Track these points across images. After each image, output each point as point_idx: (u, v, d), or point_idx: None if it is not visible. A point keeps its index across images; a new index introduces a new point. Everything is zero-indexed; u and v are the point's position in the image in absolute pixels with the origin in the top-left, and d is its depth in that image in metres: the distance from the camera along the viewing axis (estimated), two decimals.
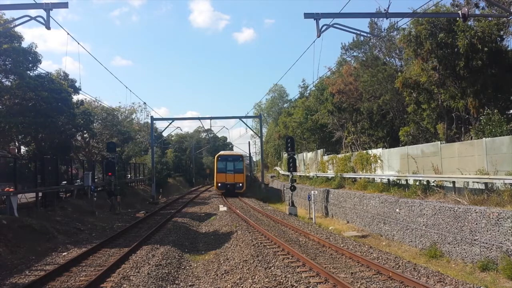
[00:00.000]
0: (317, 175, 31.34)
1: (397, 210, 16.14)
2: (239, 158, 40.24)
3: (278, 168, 51.98)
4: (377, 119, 28.51)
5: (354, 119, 31.19)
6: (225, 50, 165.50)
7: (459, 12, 15.07)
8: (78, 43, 17.27)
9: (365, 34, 20.12)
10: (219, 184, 39.08)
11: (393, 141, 27.08)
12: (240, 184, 38.56)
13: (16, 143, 27.47)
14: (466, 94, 19.22)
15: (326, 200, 24.27)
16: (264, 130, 66.59)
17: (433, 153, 17.86)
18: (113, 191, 26.85)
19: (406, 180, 18.98)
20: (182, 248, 14.92)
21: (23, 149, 28.09)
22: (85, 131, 31.08)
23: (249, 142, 68.34)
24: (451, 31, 18.97)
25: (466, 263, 11.85)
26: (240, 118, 44.54)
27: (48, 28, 13.69)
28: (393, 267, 11.09)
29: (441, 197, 15.04)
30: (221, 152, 44.42)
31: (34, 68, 22.49)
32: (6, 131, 23.09)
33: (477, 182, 14.33)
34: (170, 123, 43.21)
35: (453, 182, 15.22)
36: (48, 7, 13.60)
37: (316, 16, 14.56)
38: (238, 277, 10.52)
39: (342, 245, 14.04)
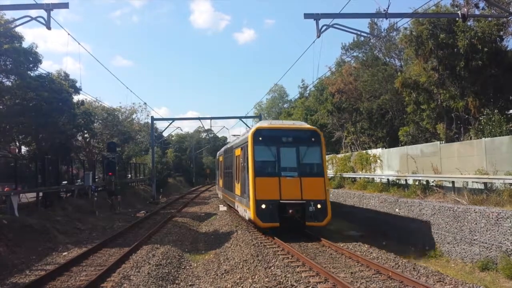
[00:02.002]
0: None
1: (397, 210, 16.18)
2: (310, 136, 16.02)
3: None
4: (376, 119, 28.57)
5: (354, 119, 31.23)
6: (226, 50, 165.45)
7: (459, 12, 15.10)
8: (79, 43, 17.44)
9: (365, 35, 20.13)
10: (263, 207, 14.84)
11: (392, 141, 27.12)
12: (319, 205, 14.86)
13: (17, 143, 27.47)
14: (466, 94, 19.27)
15: None
16: None
17: (432, 153, 17.89)
18: (114, 191, 26.90)
19: (406, 180, 19.02)
20: (182, 248, 14.95)
21: (23, 149, 28.10)
22: (85, 131, 31.08)
23: None
24: (451, 32, 19.02)
25: (465, 263, 11.88)
26: (240, 118, 44.35)
27: (48, 28, 13.74)
28: (392, 266, 11.09)
29: (440, 197, 15.08)
30: (263, 124, 17.77)
31: (35, 68, 22.50)
32: (6, 131, 23.12)
33: (476, 182, 14.37)
34: (171, 123, 43.12)
35: (453, 182, 15.25)
36: (48, 8, 13.65)
37: (316, 17, 14.61)
38: (238, 276, 10.53)
39: (341, 245, 14.05)
